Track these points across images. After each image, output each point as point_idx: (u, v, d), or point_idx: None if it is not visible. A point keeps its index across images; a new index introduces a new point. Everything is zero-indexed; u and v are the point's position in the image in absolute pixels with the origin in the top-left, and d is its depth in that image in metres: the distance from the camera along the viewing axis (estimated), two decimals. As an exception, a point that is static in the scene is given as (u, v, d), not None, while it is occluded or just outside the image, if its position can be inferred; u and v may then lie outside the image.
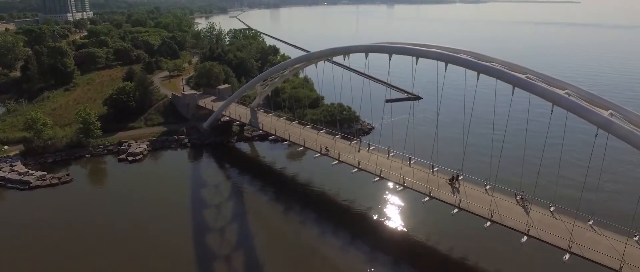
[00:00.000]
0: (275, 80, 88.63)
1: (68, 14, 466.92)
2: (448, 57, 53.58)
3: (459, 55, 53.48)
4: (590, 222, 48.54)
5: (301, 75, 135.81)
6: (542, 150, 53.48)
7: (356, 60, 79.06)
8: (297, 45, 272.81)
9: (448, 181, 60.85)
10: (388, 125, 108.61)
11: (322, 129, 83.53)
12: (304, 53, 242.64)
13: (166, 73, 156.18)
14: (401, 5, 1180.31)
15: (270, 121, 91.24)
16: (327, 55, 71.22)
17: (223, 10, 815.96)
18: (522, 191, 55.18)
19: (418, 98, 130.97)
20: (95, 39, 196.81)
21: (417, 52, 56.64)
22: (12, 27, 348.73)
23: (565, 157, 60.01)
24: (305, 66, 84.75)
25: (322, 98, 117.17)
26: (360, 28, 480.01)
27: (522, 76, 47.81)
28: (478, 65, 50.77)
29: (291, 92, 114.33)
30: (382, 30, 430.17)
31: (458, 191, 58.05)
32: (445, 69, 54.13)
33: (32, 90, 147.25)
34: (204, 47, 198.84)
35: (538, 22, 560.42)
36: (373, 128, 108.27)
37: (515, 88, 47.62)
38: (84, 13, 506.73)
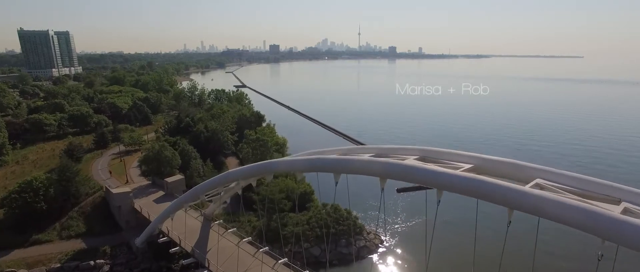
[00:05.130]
0: (232, 185, 57.18)
1: (53, 70, 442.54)
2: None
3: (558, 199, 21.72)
4: None
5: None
6: None
7: (359, 131, 47.23)
8: (291, 107, 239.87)
9: None
10: (404, 235, 76.83)
11: (303, 272, 50.95)
12: (297, 115, 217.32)
13: (122, 147, 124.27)
14: (402, 60, 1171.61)
15: (223, 248, 58.28)
16: (306, 169, 39.27)
17: (220, 65, 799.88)
18: None
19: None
20: (50, 102, 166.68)
21: (475, 192, 25.17)
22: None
23: None
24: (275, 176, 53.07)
25: (311, 193, 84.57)
26: (363, 86, 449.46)
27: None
28: None
29: (270, 187, 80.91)
30: (388, 91, 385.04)
31: None
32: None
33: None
34: (181, 111, 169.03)
35: (549, 78, 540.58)
36: (381, 243, 75.17)
37: None
38: (72, 68, 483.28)
